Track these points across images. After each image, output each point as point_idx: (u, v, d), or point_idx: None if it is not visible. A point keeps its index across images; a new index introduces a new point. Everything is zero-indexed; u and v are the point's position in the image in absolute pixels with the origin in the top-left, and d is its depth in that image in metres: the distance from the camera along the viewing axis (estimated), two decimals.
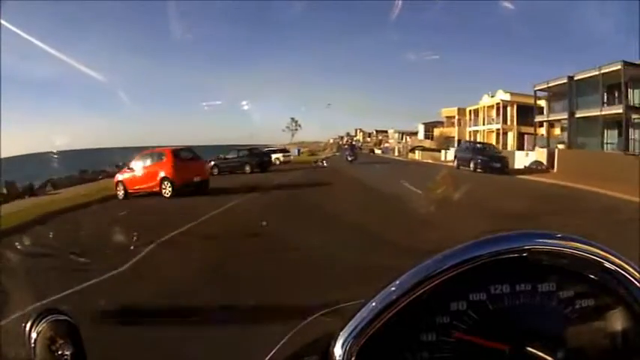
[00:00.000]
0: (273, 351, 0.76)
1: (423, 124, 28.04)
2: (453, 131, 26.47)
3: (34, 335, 0.62)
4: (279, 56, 21.29)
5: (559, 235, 0.59)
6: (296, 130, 24.64)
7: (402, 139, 29.68)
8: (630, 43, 13.89)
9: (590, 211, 7.73)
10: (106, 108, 19.57)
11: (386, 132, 31.07)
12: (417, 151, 26.70)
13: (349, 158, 19.85)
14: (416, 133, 28.56)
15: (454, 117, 26.79)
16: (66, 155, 12.16)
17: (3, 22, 7.69)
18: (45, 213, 8.45)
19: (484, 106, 23.79)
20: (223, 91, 22.02)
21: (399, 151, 28.78)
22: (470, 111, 25.77)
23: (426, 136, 27.77)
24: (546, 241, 0.58)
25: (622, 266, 0.58)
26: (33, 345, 0.61)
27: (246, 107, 18.54)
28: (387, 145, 30.54)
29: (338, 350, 0.56)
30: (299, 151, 25.75)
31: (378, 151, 30.10)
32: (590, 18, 15.99)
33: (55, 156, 11.18)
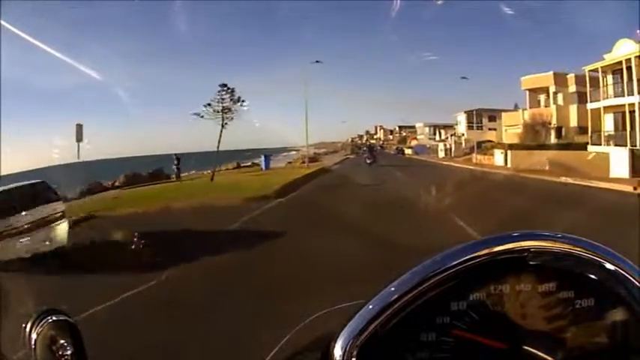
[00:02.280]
0: (274, 351, 0.76)
1: (466, 112, 19.14)
2: (546, 113, 15.29)
3: (34, 335, 0.61)
4: (289, 54, 20.39)
5: (559, 235, 0.59)
6: (228, 111, 14.68)
7: (435, 133, 21.59)
8: None
9: None
10: (114, 115, 19.34)
11: (412, 127, 23.43)
12: (496, 151, 15.25)
13: (368, 161, 17.04)
14: (452, 126, 20.36)
15: (547, 88, 15.69)
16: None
17: (3, 22, 7.69)
18: None
19: (624, 60, 12.12)
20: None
21: (446, 152, 19.25)
22: (579, 76, 14.36)
23: (471, 127, 19.32)
24: (546, 241, 0.58)
25: (622, 266, 0.58)
26: (33, 345, 0.61)
27: (256, 109, 17.42)
28: (415, 142, 22.68)
29: (338, 350, 0.56)
30: (267, 160, 17.11)
31: (408, 151, 22.33)
32: None
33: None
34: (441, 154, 19.40)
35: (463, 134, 18.89)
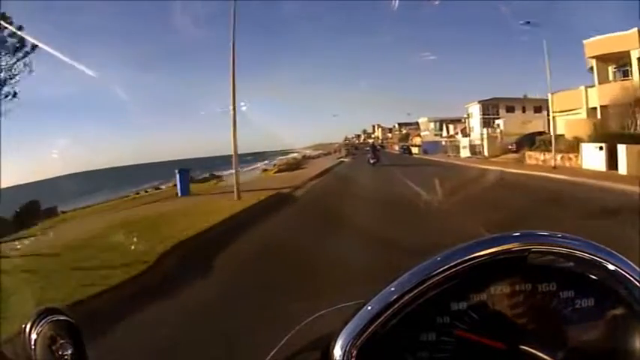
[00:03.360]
0: (274, 351, 0.76)
1: (480, 102, 16.03)
2: (633, 88, 10.27)
3: (34, 335, 0.61)
4: (284, 57, 20.21)
5: (559, 235, 0.59)
6: None
7: (441, 129, 18.91)
8: None
9: None
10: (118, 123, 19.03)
11: (415, 124, 21.36)
12: (587, 147, 9.72)
13: (371, 161, 16.64)
14: (460, 120, 17.53)
15: (625, 54, 10.73)
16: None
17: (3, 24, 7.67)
18: None
19: None
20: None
21: (474, 149, 14.30)
22: None
23: (486, 119, 16.27)
24: (546, 241, 0.58)
25: (622, 266, 0.58)
26: (33, 345, 0.61)
27: (252, 112, 16.81)
28: (418, 139, 20.01)
29: (338, 350, 0.56)
30: (184, 180, 12.04)
31: (415, 150, 19.76)
32: None
33: None
34: (465, 153, 14.58)
35: (498, 125, 14.28)
